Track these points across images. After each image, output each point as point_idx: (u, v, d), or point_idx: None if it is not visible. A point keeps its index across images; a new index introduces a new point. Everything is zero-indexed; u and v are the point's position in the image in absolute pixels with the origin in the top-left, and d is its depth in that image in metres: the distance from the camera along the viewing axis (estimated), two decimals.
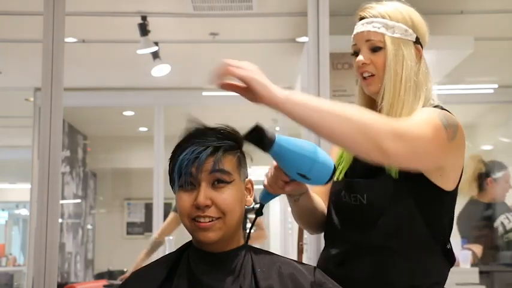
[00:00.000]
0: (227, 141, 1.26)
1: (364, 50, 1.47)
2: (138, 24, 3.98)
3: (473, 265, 3.43)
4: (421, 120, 1.33)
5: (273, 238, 8.74)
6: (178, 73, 4.98)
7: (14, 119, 6.75)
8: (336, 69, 3.45)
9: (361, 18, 1.50)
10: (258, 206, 1.43)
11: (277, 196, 1.44)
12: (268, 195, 1.43)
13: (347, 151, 1.40)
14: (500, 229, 3.52)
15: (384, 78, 1.44)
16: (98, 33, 4.35)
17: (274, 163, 1.38)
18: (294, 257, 3.17)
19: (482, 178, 3.56)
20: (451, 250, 1.48)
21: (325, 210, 1.56)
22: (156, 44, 4.28)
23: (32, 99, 5.60)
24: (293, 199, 1.49)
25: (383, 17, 1.46)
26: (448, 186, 1.42)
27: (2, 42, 4.39)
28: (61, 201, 3.59)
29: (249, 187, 1.31)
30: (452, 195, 1.45)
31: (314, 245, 2.38)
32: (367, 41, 1.46)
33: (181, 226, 1.29)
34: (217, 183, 1.23)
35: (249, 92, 1.24)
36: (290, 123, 1.33)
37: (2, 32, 4.26)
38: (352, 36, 1.51)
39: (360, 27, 1.49)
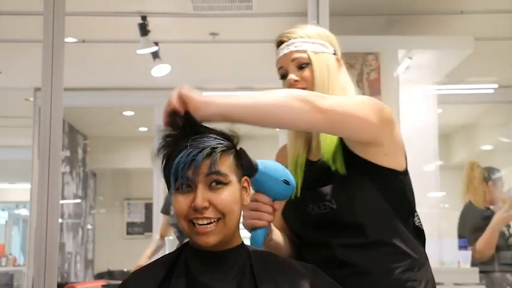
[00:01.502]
0: (222, 142, 1.25)
1: (292, 69, 1.58)
2: (138, 24, 3.98)
3: (473, 265, 3.45)
4: (346, 96, 1.52)
5: None
6: (178, 73, 4.98)
7: (14, 119, 6.75)
8: None
9: (281, 43, 1.61)
10: None
11: (266, 232, 1.44)
12: (258, 234, 1.43)
13: (291, 128, 1.54)
14: (506, 233, 3.61)
15: (314, 89, 1.54)
16: (98, 33, 4.35)
17: (251, 196, 1.41)
18: None
19: (486, 182, 3.69)
20: (420, 227, 1.56)
21: (284, 238, 1.60)
22: (156, 44, 4.28)
23: (32, 99, 5.60)
24: (269, 241, 1.52)
25: (301, 37, 1.59)
26: (399, 165, 1.50)
27: (2, 42, 4.39)
28: (61, 201, 3.59)
29: (245, 186, 1.31)
30: (407, 174, 1.54)
31: None
32: (293, 60, 1.58)
33: None
34: (215, 184, 1.23)
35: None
36: None
37: (2, 32, 4.27)
38: (277, 60, 1.62)
39: (282, 50, 1.60)
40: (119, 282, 2.89)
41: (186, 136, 1.26)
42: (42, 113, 2.44)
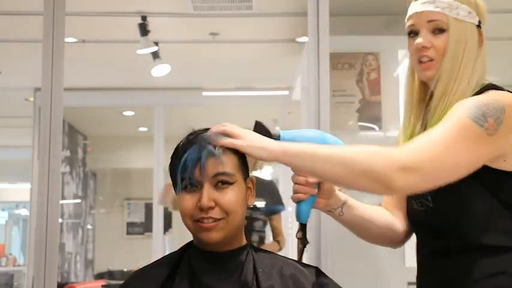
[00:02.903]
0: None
1: (425, 31, 1.36)
2: (138, 24, 3.98)
3: None
4: (440, 132, 1.23)
5: None
6: (178, 73, 4.98)
7: (14, 119, 6.75)
8: (336, 69, 3.45)
9: None
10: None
11: (311, 205, 1.39)
12: (297, 207, 1.39)
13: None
14: None
15: (443, 63, 1.33)
16: (98, 33, 4.35)
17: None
18: (294, 257, 3.17)
19: None
20: None
21: (384, 218, 1.49)
22: (156, 44, 4.28)
23: (32, 99, 5.60)
24: (337, 214, 1.44)
25: None
26: None
27: (2, 42, 4.39)
28: (61, 201, 3.59)
29: (250, 186, 1.31)
30: None
31: (314, 245, 2.37)
32: (430, 21, 1.35)
33: None
34: (221, 184, 1.23)
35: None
36: (291, 124, 1.33)
37: (2, 32, 4.26)
38: (409, 15, 1.40)
39: (419, 6, 1.37)
40: (119, 282, 2.89)
41: (194, 137, 1.26)
42: (42, 113, 2.44)
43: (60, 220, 4.95)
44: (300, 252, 1.41)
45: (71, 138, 6.90)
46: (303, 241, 1.39)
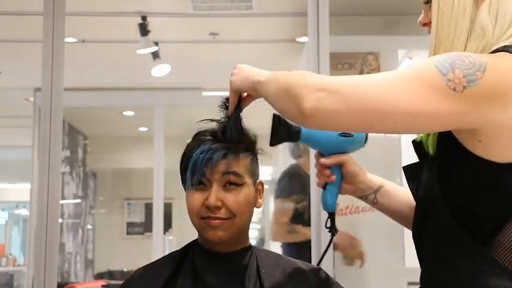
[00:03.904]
0: (243, 143, 1.26)
1: (423, 7, 1.18)
2: (138, 24, 3.98)
3: None
4: (391, 73, 1.02)
5: None
6: (178, 73, 4.98)
7: (14, 119, 6.75)
8: (336, 69, 3.45)
9: None
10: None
11: (337, 192, 1.34)
12: (322, 194, 1.35)
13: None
14: None
15: (431, 39, 1.13)
16: (98, 33, 4.35)
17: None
18: None
19: None
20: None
21: None
22: (156, 44, 4.28)
23: (32, 99, 5.60)
24: (370, 200, 1.35)
25: None
26: (501, 156, 0.99)
27: (2, 42, 4.39)
28: (61, 201, 3.59)
29: (259, 189, 1.31)
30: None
31: (315, 246, 2.37)
32: None
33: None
34: (229, 185, 1.23)
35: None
36: None
37: (2, 32, 4.26)
38: None
39: None
40: (119, 282, 2.89)
41: (207, 135, 1.27)
42: (42, 113, 2.44)
43: (60, 220, 4.95)
44: (329, 242, 1.39)
45: (71, 138, 6.90)
46: (331, 230, 1.37)
